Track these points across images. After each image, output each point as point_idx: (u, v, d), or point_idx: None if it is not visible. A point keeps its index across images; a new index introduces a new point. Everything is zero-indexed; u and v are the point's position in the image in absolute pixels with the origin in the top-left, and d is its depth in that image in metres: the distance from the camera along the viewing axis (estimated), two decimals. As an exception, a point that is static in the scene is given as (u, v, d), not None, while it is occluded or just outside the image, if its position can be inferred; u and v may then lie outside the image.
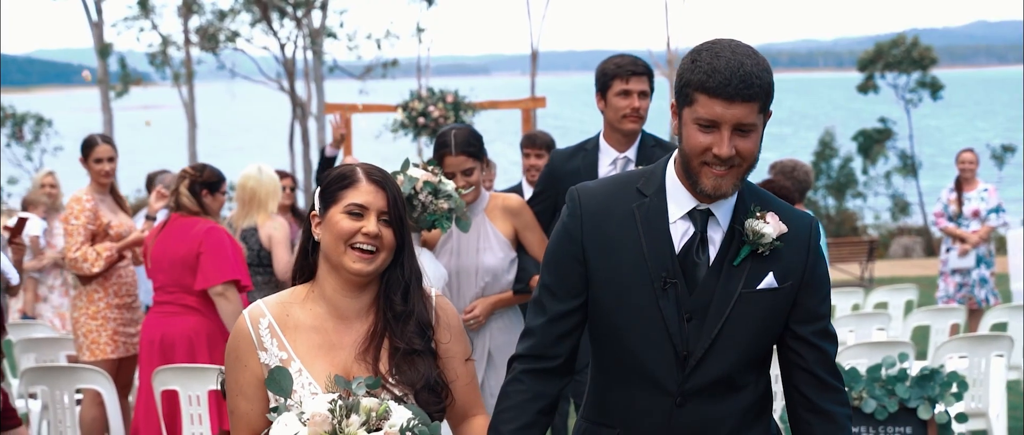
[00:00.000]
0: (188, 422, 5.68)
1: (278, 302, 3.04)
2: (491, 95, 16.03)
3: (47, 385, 5.86)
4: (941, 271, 11.06)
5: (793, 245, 2.94)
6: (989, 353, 6.48)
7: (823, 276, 2.99)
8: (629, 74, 5.06)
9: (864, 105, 38.37)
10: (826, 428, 2.96)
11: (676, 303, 2.89)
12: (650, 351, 2.91)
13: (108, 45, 28.35)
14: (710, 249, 2.92)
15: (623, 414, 2.99)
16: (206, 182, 6.12)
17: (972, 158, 10.96)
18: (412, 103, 13.48)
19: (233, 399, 3.03)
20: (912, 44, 32.84)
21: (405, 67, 32.21)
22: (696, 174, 2.85)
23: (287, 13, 29.28)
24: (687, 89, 2.83)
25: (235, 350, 3.02)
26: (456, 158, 4.90)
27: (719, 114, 2.77)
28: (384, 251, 2.98)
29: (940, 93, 33.12)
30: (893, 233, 29.39)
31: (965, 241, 10.72)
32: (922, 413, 4.91)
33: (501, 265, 4.87)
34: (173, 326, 6.00)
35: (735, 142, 2.80)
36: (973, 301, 10.71)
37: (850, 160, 33.55)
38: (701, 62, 2.80)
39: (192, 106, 29.34)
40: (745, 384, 2.97)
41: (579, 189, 3.03)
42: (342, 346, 3.00)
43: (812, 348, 2.96)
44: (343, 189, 3.00)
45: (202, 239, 5.97)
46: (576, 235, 2.95)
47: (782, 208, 2.98)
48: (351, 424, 2.75)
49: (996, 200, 10.84)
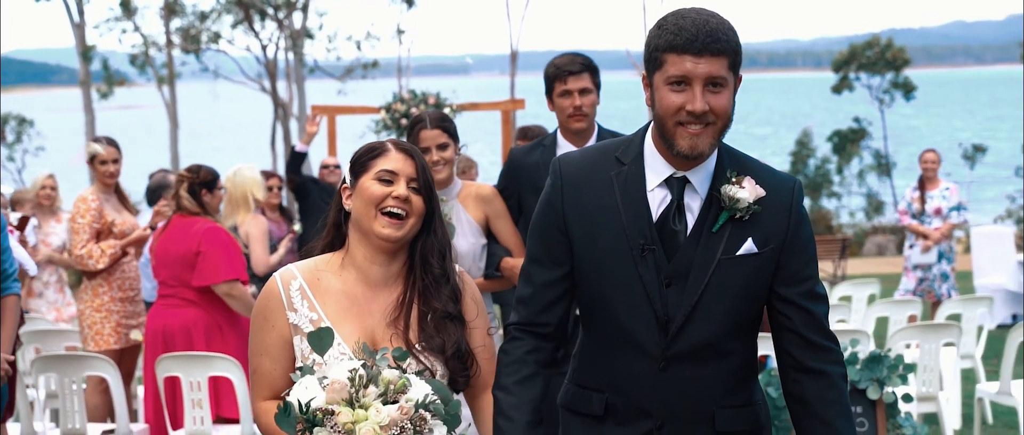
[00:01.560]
0: (189, 406, 6.06)
1: (309, 267, 3.12)
2: (471, 94, 16.37)
3: (56, 373, 6.22)
4: (904, 266, 11.51)
5: (773, 208, 2.94)
6: (939, 341, 6.90)
7: (807, 238, 2.98)
8: (566, 75, 5.11)
9: (841, 105, 38.86)
10: (816, 384, 2.95)
11: (655, 269, 2.91)
12: (633, 316, 2.94)
13: (91, 47, 28.50)
14: (689, 216, 2.94)
15: (610, 378, 3.01)
16: (204, 182, 6.50)
17: (934, 158, 11.40)
18: (394, 105, 13.83)
19: (256, 358, 3.09)
20: (886, 45, 33.38)
21: (385, 68, 32.43)
22: (671, 136, 2.86)
23: (268, 15, 29.53)
24: (656, 53, 2.86)
25: (264, 310, 3.09)
26: (431, 131, 4.94)
27: (689, 70, 2.81)
28: (413, 217, 3.07)
29: (913, 94, 33.69)
30: (867, 232, 29.86)
31: (927, 237, 11.16)
32: (871, 393, 5.32)
33: (472, 250, 4.98)
34: (174, 318, 6.38)
35: (708, 98, 2.82)
36: (932, 295, 11.16)
37: (827, 161, 34.02)
38: (667, 25, 2.85)
39: (174, 107, 29.51)
40: (730, 349, 2.97)
41: (561, 159, 3.06)
42: (371, 312, 3.07)
43: (799, 310, 2.96)
44: (373, 158, 3.11)
45: (201, 238, 6.34)
46: (557, 204, 2.99)
47: (762, 170, 2.99)
48: (368, 395, 2.80)
49: (957, 198, 11.28)
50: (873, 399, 5.34)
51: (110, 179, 7.28)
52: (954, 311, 8.45)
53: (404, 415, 2.79)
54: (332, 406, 2.77)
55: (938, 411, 6.87)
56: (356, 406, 2.78)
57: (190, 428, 6.11)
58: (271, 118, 30.24)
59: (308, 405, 2.77)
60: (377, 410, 2.77)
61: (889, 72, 33.14)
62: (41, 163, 27.86)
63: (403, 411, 2.78)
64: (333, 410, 2.77)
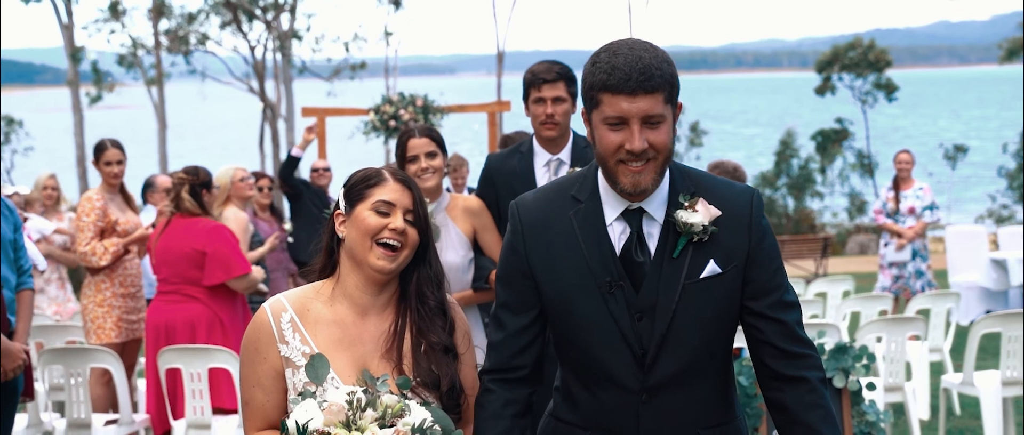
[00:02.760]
0: (190, 397, 6.35)
1: (298, 297, 3.10)
2: (458, 95, 16.65)
3: (63, 365, 6.50)
4: (880, 264, 11.84)
5: (732, 225, 2.89)
6: (905, 333, 7.22)
7: (771, 249, 2.94)
8: (541, 82, 5.12)
9: (827, 105, 39.16)
10: (796, 391, 2.91)
11: (625, 304, 2.88)
12: (608, 353, 2.90)
13: (80, 48, 28.64)
14: (650, 245, 2.90)
15: (591, 413, 2.98)
16: (204, 183, 6.81)
17: (908, 159, 11.73)
18: (383, 106, 14.10)
19: (249, 390, 3.06)
20: (868, 46, 33.76)
21: (373, 68, 32.62)
22: (613, 174, 2.84)
23: (256, 16, 29.72)
24: (592, 92, 2.84)
25: (255, 342, 3.07)
26: (419, 140, 5.01)
27: (625, 109, 2.78)
28: (407, 249, 3.05)
29: (895, 94, 34.09)
30: (850, 231, 30.20)
31: (901, 236, 11.50)
32: (837, 382, 5.62)
33: (462, 263, 5.05)
34: (176, 313, 6.69)
35: (646, 135, 2.79)
36: (908, 292, 11.49)
37: (810, 160, 34.33)
38: (600, 63, 2.81)
39: (162, 108, 29.67)
40: (709, 371, 2.95)
41: (518, 203, 3.02)
42: (361, 341, 3.05)
43: (770, 321, 2.92)
44: (370, 187, 3.08)
45: (207, 238, 6.69)
46: (520, 250, 2.96)
47: (716, 188, 2.94)
48: (364, 418, 2.80)
49: (930, 198, 11.61)
50: (839, 387, 5.65)
51: (114, 179, 7.57)
52: (923, 306, 8.78)
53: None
54: (329, 428, 2.78)
55: (904, 401, 7.18)
56: (353, 429, 2.80)
57: (190, 418, 6.40)
58: (259, 119, 30.43)
59: (305, 427, 2.79)
60: (373, 433, 2.78)
61: (871, 73, 33.46)
62: (30, 163, 28.01)
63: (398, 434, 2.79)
64: (330, 432, 2.78)
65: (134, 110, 56.87)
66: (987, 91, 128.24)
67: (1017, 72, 33.70)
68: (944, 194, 35.02)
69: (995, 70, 39.45)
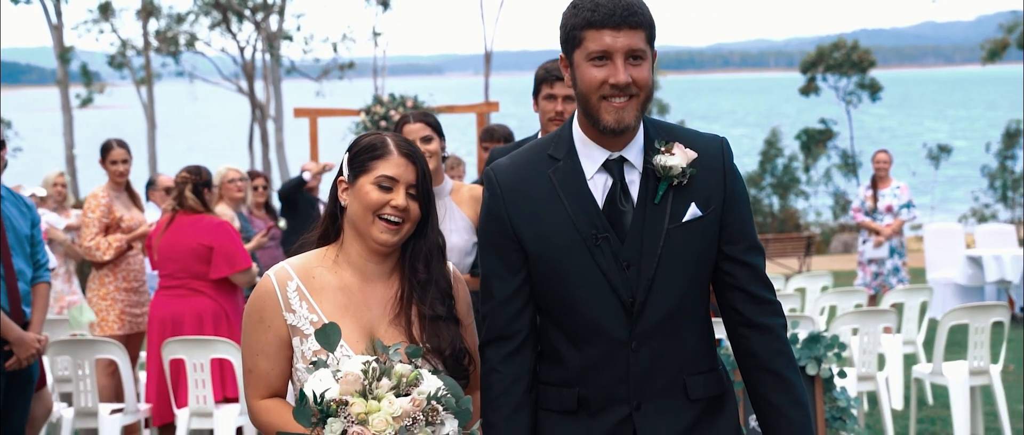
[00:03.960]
0: (193, 386, 6.65)
1: (302, 264, 3.07)
2: (446, 95, 16.96)
3: (71, 356, 6.78)
4: (859, 261, 12.17)
5: (707, 168, 2.96)
6: (877, 325, 7.54)
7: (742, 193, 3.02)
8: (554, 79, 5.16)
9: (812, 105, 39.56)
10: (763, 338, 2.99)
11: (613, 255, 2.92)
12: (596, 306, 2.93)
13: (70, 48, 28.82)
14: (632, 193, 2.95)
15: (580, 371, 2.99)
16: (206, 182, 7.11)
17: (886, 158, 12.08)
18: (374, 107, 14.42)
19: (252, 358, 3.05)
20: (852, 47, 34.16)
21: (361, 68, 32.84)
22: (596, 112, 2.89)
23: (246, 16, 29.94)
24: (574, 32, 2.90)
25: (259, 310, 3.04)
26: (414, 125, 5.04)
27: (609, 44, 2.85)
28: (409, 223, 3.04)
29: (879, 94, 34.50)
30: (835, 230, 30.55)
31: (879, 233, 11.83)
32: (810, 370, 5.93)
33: (466, 246, 5.09)
34: (184, 306, 7.01)
35: (630, 70, 2.86)
36: (887, 288, 11.82)
37: (794, 159, 34.66)
38: (583, 4, 2.89)
39: (151, 108, 29.85)
40: (692, 316, 3.00)
41: (494, 168, 3.04)
42: (368, 306, 3.06)
43: (743, 266, 2.99)
44: (374, 159, 3.04)
45: (212, 234, 7.01)
46: (501, 214, 2.98)
47: (688, 135, 3.00)
48: (381, 387, 2.82)
49: (907, 196, 11.95)
50: (812, 375, 5.96)
51: (120, 177, 7.87)
52: (898, 300, 9.11)
53: (416, 407, 2.81)
54: (346, 397, 2.80)
55: (876, 389, 7.50)
56: (369, 398, 2.81)
57: (193, 406, 6.69)
58: (248, 119, 30.62)
59: (322, 396, 2.80)
60: (390, 402, 2.80)
61: (855, 74, 33.83)
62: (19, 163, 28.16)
63: (415, 403, 2.81)
64: (347, 401, 2.80)
65: (123, 110, 56.98)
66: (973, 91, 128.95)
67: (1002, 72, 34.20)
68: (928, 194, 35.44)
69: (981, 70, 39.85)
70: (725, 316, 3.07)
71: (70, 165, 27.61)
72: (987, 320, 7.53)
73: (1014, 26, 30.09)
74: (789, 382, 3.00)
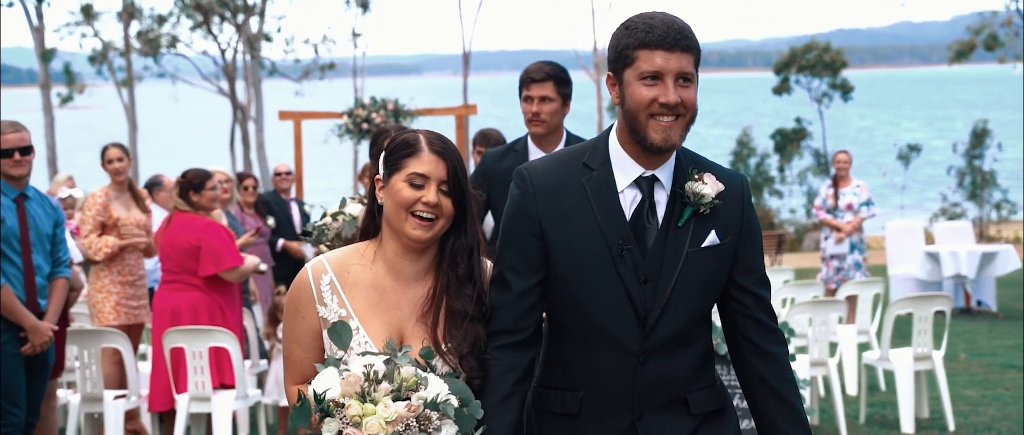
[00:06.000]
0: (192, 372, 7.15)
1: (340, 259, 3.14)
2: (425, 95, 17.43)
3: (77, 345, 7.27)
4: (822, 257, 12.75)
5: (730, 202, 3.09)
6: (830, 314, 8.11)
7: (757, 228, 3.16)
8: (529, 81, 5.30)
9: (788, 105, 40.06)
10: (771, 366, 3.12)
11: (633, 267, 3.02)
12: (612, 315, 3.04)
13: (51, 50, 29.01)
14: (659, 212, 3.06)
15: (587, 377, 3.09)
16: (190, 184, 7.55)
17: (846, 158, 12.68)
18: (356, 110, 14.93)
19: (289, 345, 3.15)
20: (824, 48, 34.76)
21: (341, 68, 33.14)
22: (643, 129, 3.00)
23: (227, 18, 30.22)
24: (626, 51, 3.00)
25: (295, 301, 3.13)
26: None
27: (661, 65, 2.96)
28: (442, 219, 3.08)
29: (851, 95, 35.08)
30: (807, 228, 31.09)
31: (840, 230, 12.41)
32: (761, 354, 6.47)
33: None
34: (180, 299, 7.50)
35: (679, 92, 2.98)
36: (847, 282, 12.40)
37: (767, 157, 35.13)
38: (636, 25, 2.99)
39: (132, 109, 30.04)
40: (696, 336, 3.13)
41: (528, 168, 3.13)
42: (399, 306, 3.11)
43: (753, 296, 3.13)
44: (406, 157, 3.09)
45: (201, 234, 7.47)
46: (531, 212, 3.06)
47: (716, 168, 3.14)
48: (380, 390, 2.85)
49: (867, 195, 12.54)
50: (763, 359, 6.50)
51: (118, 176, 8.30)
52: (853, 292, 9.69)
53: (411, 413, 2.84)
54: (344, 399, 2.84)
55: (828, 374, 8.06)
56: (367, 400, 2.85)
57: (193, 392, 7.20)
58: (229, 120, 30.91)
59: (323, 395, 2.86)
60: (386, 406, 2.83)
61: (827, 75, 34.39)
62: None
63: (410, 409, 2.84)
64: (344, 402, 2.85)
65: (104, 111, 57.16)
66: (951, 91, 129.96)
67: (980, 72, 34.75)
68: (899, 193, 35.99)
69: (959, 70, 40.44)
70: (733, 342, 3.21)
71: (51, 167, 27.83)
72: (930, 309, 8.10)
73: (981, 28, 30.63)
74: (796, 409, 3.16)
